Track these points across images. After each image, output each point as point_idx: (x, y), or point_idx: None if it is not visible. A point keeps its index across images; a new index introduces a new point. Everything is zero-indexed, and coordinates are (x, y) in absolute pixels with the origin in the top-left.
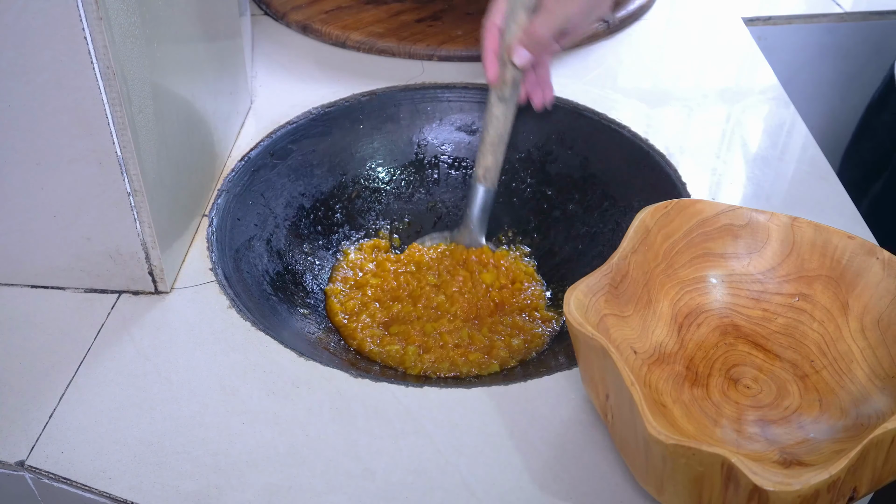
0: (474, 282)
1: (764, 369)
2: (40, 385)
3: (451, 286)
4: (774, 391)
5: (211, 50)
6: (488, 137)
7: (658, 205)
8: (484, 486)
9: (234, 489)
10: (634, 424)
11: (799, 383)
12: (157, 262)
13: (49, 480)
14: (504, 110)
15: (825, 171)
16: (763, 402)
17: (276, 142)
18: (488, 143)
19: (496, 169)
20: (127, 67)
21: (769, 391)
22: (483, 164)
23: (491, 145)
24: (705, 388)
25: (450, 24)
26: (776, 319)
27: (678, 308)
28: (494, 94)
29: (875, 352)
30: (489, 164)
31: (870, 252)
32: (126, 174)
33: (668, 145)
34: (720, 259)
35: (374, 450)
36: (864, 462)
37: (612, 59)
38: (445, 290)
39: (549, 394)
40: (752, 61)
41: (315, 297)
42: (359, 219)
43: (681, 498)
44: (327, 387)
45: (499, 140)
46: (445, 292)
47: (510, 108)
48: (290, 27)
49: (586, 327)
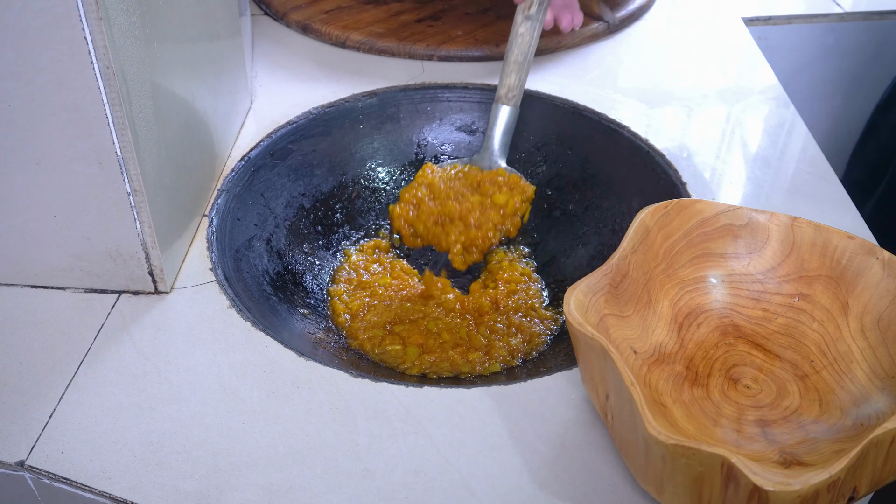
0: (484, 207)
1: (764, 369)
2: (40, 385)
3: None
4: (774, 391)
5: (211, 50)
6: (512, 56)
7: (658, 205)
8: (484, 486)
9: (234, 489)
10: (634, 424)
11: (799, 383)
12: (157, 262)
13: (49, 480)
14: (529, 28)
15: (825, 171)
16: (763, 402)
17: (276, 142)
18: (512, 63)
19: (520, 89)
20: (127, 67)
21: (769, 391)
22: (506, 84)
23: (515, 64)
24: (705, 388)
25: (450, 24)
26: (776, 319)
27: (678, 308)
28: (521, 14)
29: (875, 352)
30: (512, 83)
31: (870, 252)
32: (126, 174)
33: (668, 145)
34: (720, 259)
35: (374, 450)
36: (864, 462)
37: (612, 59)
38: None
39: (549, 394)
40: (752, 61)
41: (315, 297)
42: (359, 219)
43: (681, 498)
44: (327, 387)
45: (523, 59)
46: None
47: (536, 28)
48: (290, 27)
49: (586, 327)
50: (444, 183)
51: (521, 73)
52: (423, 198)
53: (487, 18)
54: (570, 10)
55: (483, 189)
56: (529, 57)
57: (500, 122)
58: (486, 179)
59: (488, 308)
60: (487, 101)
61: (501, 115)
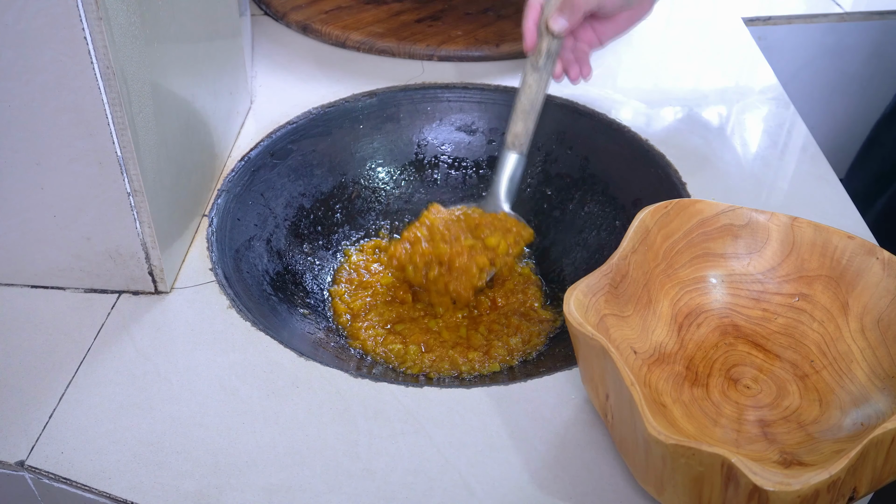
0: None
1: (764, 369)
2: (40, 385)
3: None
4: (774, 391)
5: (211, 50)
6: (520, 105)
7: (658, 205)
8: (484, 486)
9: (234, 489)
10: (634, 424)
11: (799, 383)
12: (157, 262)
13: (49, 480)
14: (537, 79)
15: (825, 171)
16: (763, 402)
17: (276, 142)
18: (519, 111)
19: (526, 136)
20: (127, 67)
21: (769, 391)
22: (513, 131)
23: (522, 112)
24: (705, 388)
25: (450, 24)
26: (776, 319)
27: (678, 308)
28: (529, 64)
29: (875, 352)
30: (519, 131)
31: (870, 252)
32: (126, 174)
33: (668, 145)
34: (720, 259)
35: (374, 450)
36: (864, 462)
37: (612, 59)
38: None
39: (549, 394)
40: (752, 61)
41: (315, 297)
42: (359, 219)
43: (681, 498)
44: (327, 387)
45: (530, 108)
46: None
47: (543, 78)
48: (290, 27)
49: (586, 327)
50: (443, 224)
51: (528, 121)
52: (420, 239)
53: (487, 18)
54: (580, 62)
55: (477, 232)
56: (537, 106)
57: (506, 168)
58: (483, 223)
59: (487, 307)
60: (487, 101)
61: (508, 161)
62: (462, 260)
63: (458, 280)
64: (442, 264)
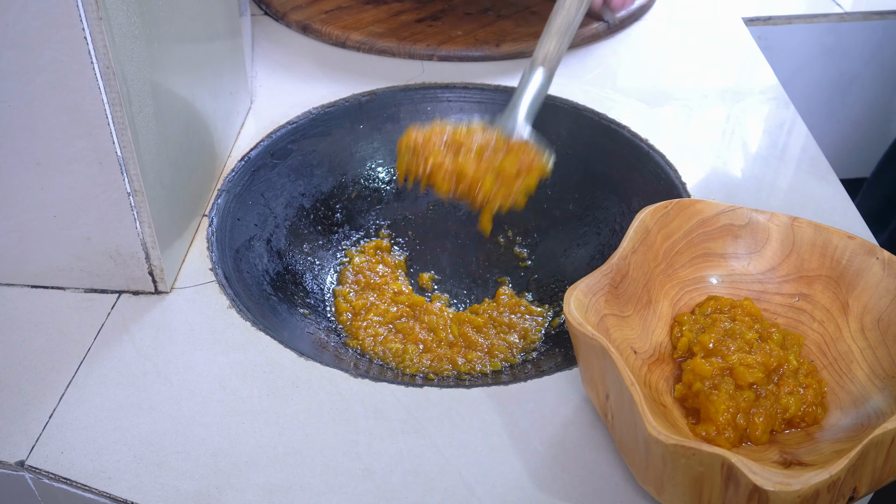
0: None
1: None
2: (40, 385)
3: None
4: None
5: (211, 50)
6: (555, 24)
7: (658, 205)
8: (484, 486)
9: (234, 489)
10: (634, 424)
11: None
12: (157, 262)
13: (49, 480)
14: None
15: (825, 171)
16: None
17: (276, 142)
18: (554, 31)
19: (557, 58)
20: (127, 67)
21: None
22: (544, 48)
23: (557, 33)
24: None
25: (450, 24)
26: (776, 319)
27: (678, 308)
28: None
29: (875, 352)
30: (550, 50)
31: (870, 252)
32: (126, 174)
33: (668, 145)
34: (720, 259)
35: (374, 450)
36: (864, 462)
37: (612, 59)
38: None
39: (549, 394)
40: (752, 61)
41: (315, 297)
42: (359, 219)
43: (681, 498)
44: (327, 387)
45: (566, 28)
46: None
47: (583, 1)
48: (290, 27)
49: (586, 327)
50: (463, 137)
51: (562, 42)
52: (438, 145)
53: (487, 18)
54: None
55: (509, 158)
56: (573, 28)
57: (531, 84)
58: (512, 149)
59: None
60: (487, 101)
61: (535, 77)
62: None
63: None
64: (458, 175)
